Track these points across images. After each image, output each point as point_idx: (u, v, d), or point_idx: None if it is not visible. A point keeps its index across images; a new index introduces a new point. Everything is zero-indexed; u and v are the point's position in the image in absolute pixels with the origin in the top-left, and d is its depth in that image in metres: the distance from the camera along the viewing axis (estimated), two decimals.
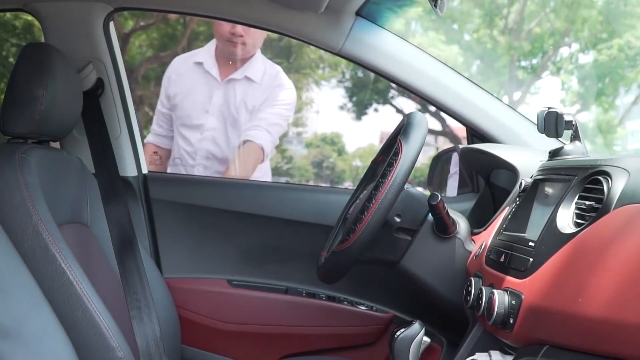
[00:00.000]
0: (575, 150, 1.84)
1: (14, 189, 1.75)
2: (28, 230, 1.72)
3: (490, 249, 1.83)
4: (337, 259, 1.93)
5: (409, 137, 1.91)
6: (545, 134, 1.84)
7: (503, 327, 1.56)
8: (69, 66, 2.04)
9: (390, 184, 1.85)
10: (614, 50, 13.24)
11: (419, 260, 2.03)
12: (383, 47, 2.51)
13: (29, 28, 10.14)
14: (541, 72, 14.85)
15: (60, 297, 1.68)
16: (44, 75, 1.89)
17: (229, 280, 2.59)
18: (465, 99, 2.50)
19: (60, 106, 1.94)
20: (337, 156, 18.81)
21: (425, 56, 2.56)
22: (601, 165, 1.51)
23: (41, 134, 1.94)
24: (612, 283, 1.26)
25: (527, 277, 1.52)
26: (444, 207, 1.98)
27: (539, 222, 1.65)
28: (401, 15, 2.74)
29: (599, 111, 13.84)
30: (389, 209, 1.87)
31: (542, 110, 1.85)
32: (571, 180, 1.60)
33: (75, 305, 1.71)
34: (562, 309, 1.36)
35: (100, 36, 2.59)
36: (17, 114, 1.89)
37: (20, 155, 1.81)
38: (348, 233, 1.91)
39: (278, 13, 2.46)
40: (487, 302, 1.60)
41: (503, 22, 14.61)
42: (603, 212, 1.39)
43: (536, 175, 1.87)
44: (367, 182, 2.20)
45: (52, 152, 2.01)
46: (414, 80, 2.50)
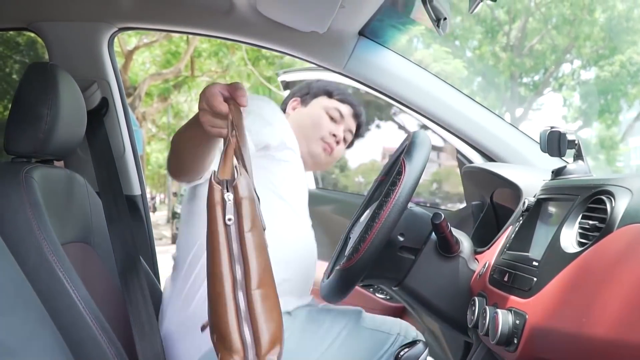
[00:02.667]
0: (579, 169, 1.84)
1: (18, 208, 1.75)
2: (32, 250, 1.72)
3: (494, 268, 1.83)
4: (341, 278, 1.93)
5: (413, 156, 1.91)
6: (548, 154, 1.84)
7: (507, 347, 1.56)
8: (73, 85, 2.04)
9: (394, 203, 1.85)
10: (616, 66, 13.27)
11: (422, 279, 2.03)
12: (386, 66, 2.52)
13: (32, 45, 10.17)
14: (543, 89, 14.89)
15: (64, 316, 1.68)
16: (48, 95, 1.90)
17: None
18: (468, 118, 2.51)
19: (64, 125, 1.94)
20: (339, 172, 18.82)
21: (428, 75, 2.57)
22: (604, 185, 1.51)
23: (45, 153, 1.94)
24: (617, 303, 1.26)
25: (531, 296, 1.51)
26: (447, 226, 1.98)
27: (542, 242, 1.65)
28: (404, 32, 2.74)
29: (602, 127, 13.85)
30: (392, 228, 1.87)
31: (545, 129, 1.85)
32: (574, 200, 1.60)
33: (79, 325, 1.71)
34: (567, 329, 1.36)
35: (105, 56, 2.61)
36: (21, 133, 1.89)
37: (24, 174, 1.81)
38: (352, 252, 1.91)
39: (282, 33, 2.47)
40: (491, 321, 1.60)
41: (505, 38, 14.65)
42: (606, 232, 1.39)
43: (539, 194, 1.87)
44: (370, 201, 2.20)
45: (56, 171, 2.02)
46: (416, 99, 2.51)
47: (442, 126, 2.53)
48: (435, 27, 1.97)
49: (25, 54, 10.65)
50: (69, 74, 2.04)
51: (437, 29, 1.97)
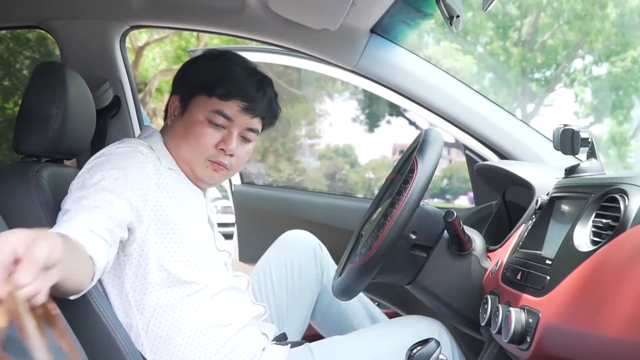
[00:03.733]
0: (592, 167, 1.83)
1: (28, 208, 1.76)
2: None
3: (507, 266, 1.83)
4: (353, 276, 1.93)
5: (425, 154, 1.91)
6: (561, 152, 1.84)
7: (520, 345, 1.55)
8: (82, 84, 2.04)
9: (406, 201, 1.85)
10: (628, 62, 13.22)
11: (434, 277, 2.02)
12: (398, 64, 2.51)
13: (42, 41, 10.19)
14: (554, 85, 14.84)
15: (77, 314, 1.68)
16: (57, 94, 1.90)
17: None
18: (480, 115, 2.50)
19: (73, 125, 1.94)
20: (349, 168, 18.81)
21: (440, 72, 2.56)
22: (617, 183, 1.51)
23: (55, 152, 1.94)
24: (630, 302, 1.25)
25: (544, 295, 1.51)
26: (460, 224, 1.97)
27: (555, 240, 1.64)
28: (415, 29, 2.73)
29: (613, 123, 13.80)
30: (404, 225, 1.87)
31: (558, 127, 1.84)
32: (588, 198, 1.59)
33: (92, 322, 1.72)
34: (580, 328, 1.36)
35: (117, 54, 2.61)
36: (31, 132, 1.89)
37: (34, 174, 1.81)
38: (364, 250, 1.91)
39: (293, 30, 2.47)
40: (504, 320, 1.60)
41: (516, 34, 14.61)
42: (620, 231, 1.38)
43: (552, 192, 1.86)
44: (382, 198, 2.20)
45: (66, 170, 2.02)
46: (428, 97, 2.51)
47: (454, 124, 2.52)
48: (448, 24, 1.96)
49: (36, 49, 10.68)
50: (78, 73, 2.04)
51: (450, 27, 1.96)
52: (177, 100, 2.04)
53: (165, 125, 2.08)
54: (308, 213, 3.07)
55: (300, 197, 3.44)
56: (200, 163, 2.00)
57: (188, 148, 1.99)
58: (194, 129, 1.98)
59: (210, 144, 1.98)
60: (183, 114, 2.01)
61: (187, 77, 2.06)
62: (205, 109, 1.98)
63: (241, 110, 2.00)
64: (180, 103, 2.03)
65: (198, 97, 1.99)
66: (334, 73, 2.73)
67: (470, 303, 1.96)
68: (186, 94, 2.02)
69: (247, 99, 2.00)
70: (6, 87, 11.01)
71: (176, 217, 1.91)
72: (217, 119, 1.97)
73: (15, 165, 1.89)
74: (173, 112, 2.04)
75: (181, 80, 2.07)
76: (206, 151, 1.99)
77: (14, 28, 2.73)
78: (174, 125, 2.03)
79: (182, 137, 2.00)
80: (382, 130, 17.73)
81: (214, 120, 1.98)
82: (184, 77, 2.07)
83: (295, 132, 17.63)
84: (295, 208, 3.21)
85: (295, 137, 17.67)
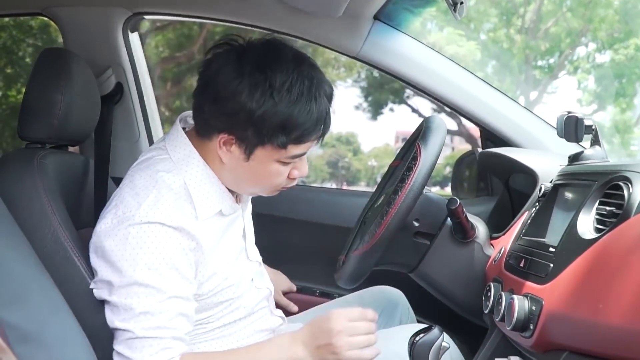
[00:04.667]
0: (596, 155, 1.83)
1: (33, 195, 1.75)
2: (47, 236, 1.72)
3: (510, 253, 1.83)
4: (356, 263, 1.93)
5: (428, 141, 1.91)
6: (565, 139, 1.84)
7: (523, 333, 1.56)
8: (87, 71, 2.04)
9: (409, 189, 1.85)
10: (631, 49, 13.16)
11: (437, 264, 2.03)
12: (401, 51, 2.50)
13: (45, 28, 10.17)
14: (558, 72, 14.79)
15: (80, 301, 1.68)
16: (61, 81, 1.89)
17: None
18: (484, 102, 2.49)
19: (78, 111, 1.94)
20: (352, 156, 18.80)
21: (443, 59, 2.55)
22: (621, 170, 1.51)
23: (59, 139, 1.94)
24: (633, 290, 1.25)
25: (548, 282, 1.51)
26: (463, 212, 1.98)
27: (559, 228, 1.64)
28: (419, 15, 2.72)
29: (616, 111, 13.76)
30: (407, 213, 1.87)
31: (562, 114, 1.84)
32: (591, 186, 1.59)
33: (94, 310, 1.71)
34: (583, 316, 1.36)
35: (120, 41, 2.61)
36: (35, 119, 1.89)
37: (38, 160, 1.81)
38: (367, 237, 1.91)
39: (296, 17, 2.46)
40: (507, 307, 1.60)
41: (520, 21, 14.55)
42: (624, 218, 1.38)
43: (556, 180, 1.86)
44: (385, 186, 2.20)
45: (70, 156, 2.02)
46: (432, 84, 2.50)
47: (457, 111, 2.51)
48: (452, 11, 1.96)
49: (39, 37, 10.66)
50: (83, 60, 2.04)
51: (454, 14, 1.95)
52: (233, 141, 1.69)
53: (214, 156, 1.74)
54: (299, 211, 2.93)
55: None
56: (272, 192, 1.82)
57: (260, 188, 1.80)
58: (268, 176, 1.74)
59: (284, 179, 1.76)
60: (248, 159, 1.70)
61: (246, 113, 1.64)
62: (278, 157, 1.70)
63: (314, 142, 1.74)
64: (239, 145, 1.69)
65: (267, 147, 1.68)
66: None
67: (473, 290, 1.96)
68: (247, 139, 1.67)
69: (320, 131, 1.72)
70: (9, 75, 10.99)
71: (216, 265, 1.77)
72: (292, 161, 1.73)
73: (19, 152, 1.89)
74: (226, 148, 1.70)
75: (235, 116, 1.65)
76: (280, 185, 1.78)
77: (17, 15, 2.73)
78: (234, 166, 1.73)
79: (252, 181, 1.77)
80: (384, 118, 17.74)
81: (289, 162, 1.72)
82: (239, 111, 1.64)
83: None
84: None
85: None
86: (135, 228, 1.62)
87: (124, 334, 1.62)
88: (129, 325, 1.61)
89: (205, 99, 1.69)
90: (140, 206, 1.64)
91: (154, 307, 1.61)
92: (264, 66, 1.64)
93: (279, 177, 1.75)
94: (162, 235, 1.62)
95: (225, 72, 1.65)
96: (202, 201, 1.72)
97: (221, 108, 1.65)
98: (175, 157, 1.75)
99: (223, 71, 1.65)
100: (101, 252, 1.65)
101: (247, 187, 1.81)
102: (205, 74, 1.70)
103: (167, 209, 1.64)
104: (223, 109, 1.65)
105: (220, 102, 1.65)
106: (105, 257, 1.65)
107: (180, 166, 1.73)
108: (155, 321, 1.61)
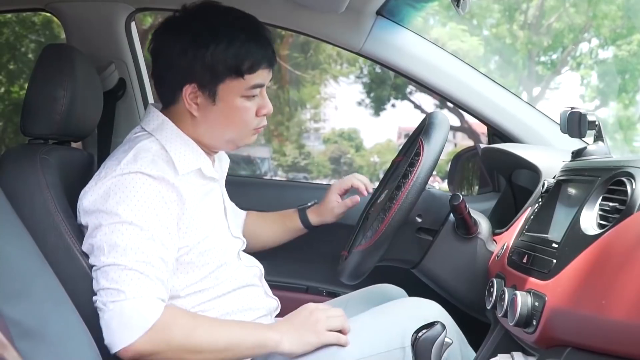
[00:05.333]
0: (599, 150, 1.83)
1: (36, 190, 1.76)
2: (50, 231, 1.73)
3: (513, 249, 1.83)
4: (359, 259, 1.93)
5: (431, 137, 1.91)
6: (568, 134, 1.83)
7: (525, 329, 1.55)
8: (90, 67, 2.04)
9: (412, 184, 1.85)
10: (634, 45, 13.16)
11: (440, 260, 2.03)
12: (404, 46, 2.50)
13: (48, 24, 10.17)
14: (561, 68, 14.79)
15: (83, 297, 1.68)
16: (64, 76, 1.89)
17: None
18: (486, 98, 2.49)
19: (80, 107, 1.94)
20: (354, 152, 18.81)
21: (446, 54, 2.55)
22: (624, 166, 1.51)
23: (62, 134, 1.94)
24: (637, 286, 1.25)
25: (551, 278, 1.51)
26: (466, 208, 1.97)
27: (562, 223, 1.64)
28: (421, 11, 2.72)
29: (619, 107, 13.76)
30: (410, 209, 1.87)
31: (565, 110, 1.84)
32: (594, 182, 1.59)
33: None
34: (586, 312, 1.36)
35: (122, 36, 2.60)
36: (38, 115, 1.89)
37: (41, 156, 1.81)
38: (369, 233, 1.91)
39: (298, 13, 2.46)
40: (510, 303, 1.60)
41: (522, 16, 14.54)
42: (627, 214, 1.38)
43: (559, 175, 1.86)
44: (388, 182, 2.20)
45: (73, 152, 2.02)
46: (434, 79, 2.50)
47: (460, 106, 2.51)
48: (455, 6, 1.95)
49: (41, 33, 10.66)
50: (85, 55, 2.04)
51: (457, 9, 1.95)
52: (196, 89, 1.83)
53: (186, 116, 1.88)
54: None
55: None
56: (247, 136, 1.93)
57: (234, 130, 1.90)
58: (237, 114, 1.87)
59: (253, 117, 1.90)
60: (215, 102, 1.85)
61: (203, 62, 1.82)
62: (239, 90, 1.85)
63: (267, 70, 1.88)
64: (203, 92, 1.84)
65: (227, 82, 1.83)
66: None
67: (476, 286, 1.96)
68: (208, 81, 1.83)
69: (268, 58, 1.88)
70: (12, 71, 11.01)
71: (197, 221, 1.85)
72: (253, 92, 1.87)
73: (22, 148, 1.89)
74: (192, 102, 1.85)
75: (191, 67, 1.82)
76: (252, 124, 1.91)
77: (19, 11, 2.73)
78: (205, 115, 1.87)
79: (224, 125, 1.89)
80: (387, 114, 17.71)
81: (251, 94, 1.87)
82: (193, 63, 1.82)
83: (301, 116, 17.61)
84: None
85: (300, 121, 17.65)
86: (117, 178, 1.74)
87: (108, 270, 1.68)
88: (115, 259, 1.68)
89: (162, 69, 1.88)
90: (119, 163, 1.76)
91: (138, 244, 1.69)
92: (202, 19, 1.85)
93: (247, 114, 1.88)
94: (142, 182, 1.74)
95: (168, 39, 1.86)
96: (180, 159, 1.84)
97: (177, 68, 1.83)
98: (150, 128, 1.88)
99: (166, 39, 1.86)
100: (87, 207, 1.75)
101: (223, 135, 1.91)
102: (154, 50, 1.89)
103: (146, 162, 1.77)
104: (178, 68, 1.83)
105: (174, 65, 1.83)
106: (89, 209, 1.74)
107: (155, 134, 1.86)
108: (140, 256, 1.68)
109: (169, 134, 1.86)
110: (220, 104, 1.85)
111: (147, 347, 1.65)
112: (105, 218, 1.71)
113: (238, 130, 1.91)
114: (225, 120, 1.88)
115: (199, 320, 1.79)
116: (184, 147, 1.86)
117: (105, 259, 1.67)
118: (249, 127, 1.91)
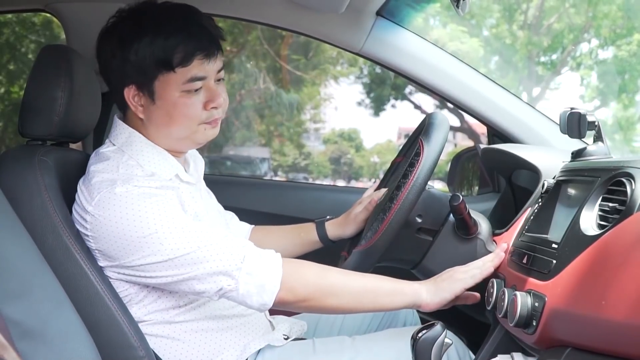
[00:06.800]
0: (598, 151, 1.83)
1: (34, 191, 1.76)
2: (48, 232, 1.73)
3: (513, 250, 1.83)
4: (358, 259, 1.93)
5: (431, 137, 1.91)
6: (568, 135, 1.83)
7: (525, 329, 1.55)
8: (88, 68, 2.03)
9: (412, 185, 1.85)
10: (634, 46, 13.17)
11: (440, 260, 2.02)
12: (404, 47, 2.51)
13: (48, 25, 10.19)
14: (560, 68, 14.79)
15: (82, 297, 1.69)
16: (62, 77, 1.88)
17: None
18: (486, 99, 2.49)
19: (79, 108, 1.93)
20: (354, 152, 18.80)
21: (446, 55, 2.55)
22: (624, 166, 1.50)
23: (60, 135, 1.93)
24: (636, 286, 1.25)
25: (551, 279, 1.51)
26: (466, 208, 1.97)
27: (561, 224, 1.64)
28: (421, 12, 2.72)
29: (619, 107, 13.76)
30: (410, 209, 1.87)
31: (565, 110, 1.84)
32: (594, 182, 1.59)
33: (97, 305, 1.72)
34: (586, 312, 1.35)
35: None
36: (36, 116, 1.88)
37: (39, 157, 1.81)
38: (369, 233, 1.91)
39: (298, 13, 2.46)
40: (510, 303, 1.60)
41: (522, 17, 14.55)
42: (626, 214, 1.38)
43: (559, 176, 1.86)
44: (388, 182, 2.20)
45: (71, 153, 2.02)
46: (434, 80, 2.50)
47: (460, 107, 2.51)
48: (455, 7, 1.95)
49: (41, 33, 10.68)
50: (84, 56, 2.03)
51: (457, 9, 1.95)
52: (134, 89, 1.83)
53: (138, 120, 1.88)
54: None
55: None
56: (198, 131, 1.86)
57: (180, 128, 1.84)
58: (178, 110, 1.82)
59: (200, 110, 1.83)
60: (154, 101, 1.82)
61: (130, 62, 1.80)
62: (176, 85, 1.80)
63: (205, 61, 1.81)
64: (142, 92, 1.82)
65: (160, 78, 1.80)
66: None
67: (475, 287, 1.96)
68: (143, 80, 1.81)
69: (202, 48, 1.80)
70: (12, 71, 11.03)
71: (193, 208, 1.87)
72: (193, 86, 1.80)
73: (20, 149, 1.89)
74: (137, 104, 1.84)
75: (123, 69, 1.82)
76: (198, 118, 1.84)
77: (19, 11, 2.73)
78: (150, 116, 1.85)
79: (169, 123, 1.84)
80: (387, 114, 17.73)
81: (191, 88, 1.80)
82: (123, 64, 1.81)
83: (300, 116, 17.61)
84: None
85: (300, 121, 17.65)
86: (119, 199, 1.73)
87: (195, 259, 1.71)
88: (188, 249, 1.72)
89: (108, 81, 1.90)
90: (114, 184, 1.75)
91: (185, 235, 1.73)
92: (129, 18, 1.86)
93: (189, 109, 1.82)
94: (146, 195, 1.74)
95: (102, 45, 1.87)
96: (157, 170, 1.84)
97: (112, 73, 1.85)
98: (119, 143, 1.87)
99: (100, 45, 1.88)
100: (106, 234, 1.74)
101: (171, 134, 1.87)
102: (99, 69, 1.91)
103: (140, 177, 1.78)
104: (113, 72, 1.85)
105: (109, 69, 1.86)
106: (110, 236, 1.73)
107: (125, 149, 1.86)
108: (200, 235, 1.74)
109: (138, 147, 1.86)
110: (159, 102, 1.82)
111: (289, 295, 1.76)
112: (144, 245, 1.71)
113: (184, 127, 1.85)
114: (168, 118, 1.83)
115: (326, 267, 1.86)
116: (156, 156, 1.86)
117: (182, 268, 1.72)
118: (195, 122, 1.84)
